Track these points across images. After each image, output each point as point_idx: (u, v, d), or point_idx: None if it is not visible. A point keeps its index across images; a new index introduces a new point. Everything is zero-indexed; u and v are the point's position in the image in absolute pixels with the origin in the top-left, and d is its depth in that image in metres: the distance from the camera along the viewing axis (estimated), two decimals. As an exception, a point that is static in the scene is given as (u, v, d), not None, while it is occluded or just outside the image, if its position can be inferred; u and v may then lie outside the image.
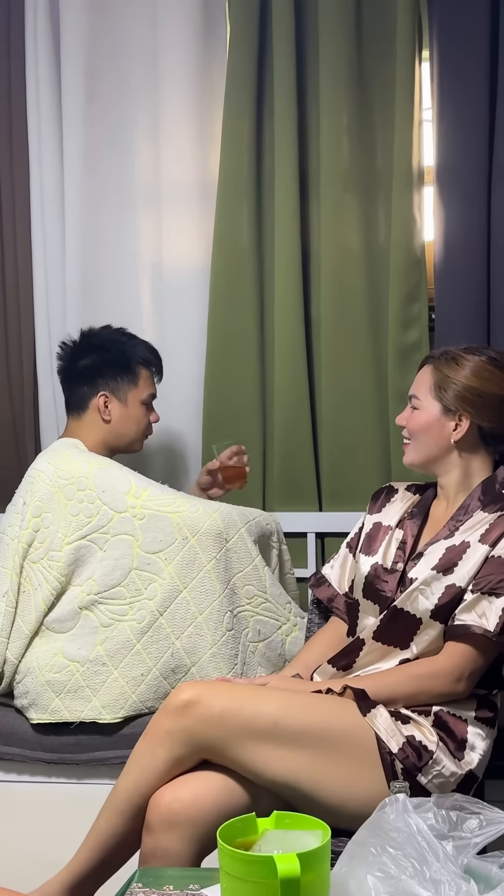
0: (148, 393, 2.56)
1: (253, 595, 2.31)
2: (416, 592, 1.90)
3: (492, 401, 1.96)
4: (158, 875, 1.51)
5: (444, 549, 1.92)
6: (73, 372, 2.55)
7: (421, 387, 2.02)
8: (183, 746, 1.77)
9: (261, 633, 2.31)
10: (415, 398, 2.02)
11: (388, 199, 2.70)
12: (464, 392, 1.95)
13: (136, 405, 2.54)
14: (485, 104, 2.59)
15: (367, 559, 2.04)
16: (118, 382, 2.52)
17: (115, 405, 2.51)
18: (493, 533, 1.88)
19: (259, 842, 1.24)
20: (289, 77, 2.69)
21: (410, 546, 2.00)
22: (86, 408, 2.53)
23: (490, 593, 1.82)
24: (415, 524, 2.03)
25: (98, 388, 2.51)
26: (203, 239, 2.85)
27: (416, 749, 1.77)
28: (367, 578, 2.01)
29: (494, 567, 1.85)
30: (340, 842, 1.35)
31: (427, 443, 2.00)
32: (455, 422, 1.97)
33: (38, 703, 2.27)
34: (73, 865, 1.81)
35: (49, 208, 2.91)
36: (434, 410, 1.98)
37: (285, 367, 2.75)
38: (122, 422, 2.53)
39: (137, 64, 2.86)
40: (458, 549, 1.90)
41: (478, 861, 1.25)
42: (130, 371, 2.53)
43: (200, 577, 2.26)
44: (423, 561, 1.94)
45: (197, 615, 2.25)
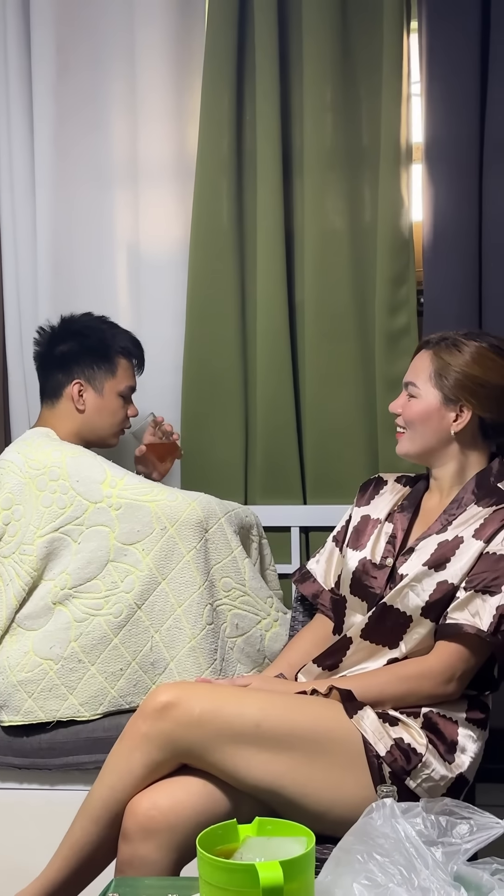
0: (126, 385, 2.55)
1: (231, 588, 2.31)
2: (407, 589, 1.90)
3: (494, 391, 1.96)
4: (135, 885, 1.50)
5: (436, 545, 1.92)
6: (50, 358, 2.54)
7: (419, 374, 2.00)
8: (161, 751, 1.77)
9: (239, 628, 2.31)
10: (412, 385, 2.00)
11: (374, 177, 2.70)
12: (466, 381, 1.95)
13: (113, 396, 2.53)
14: (475, 78, 2.58)
15: (354, 554, 2.04)
16: (95, 371, 2.51)
17: (91, 395, 2.50)
18: (488, 528, 1.88)
19: (240, 849, 1.23)
20: (271, 49, 2.68)
21: (401, 540, 1.99)
22: (59, 396, 2.52)
23: (484, 591, 1.82)
24: (405, 517, 2.03)
25: (73, 375, 2.50)
26: (181, 218, 2.83)
27: (404, 752, 1.77)
28: (354, 574, 2.01)
29: (489, 564, 1.85)
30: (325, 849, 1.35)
31: (425, 433, 1.99)
32: (456, 412, 1.96)
33: (9, 704, 2.26)
34: (47, 875, 1.81)
35: (19, 187, 2.88)
36: (434, 399, 1.97)
37: (267, 352, 2.74)
38: (96, 413, 2.52)
39: (112, 33, 2.84)
40: (451, 545, 1.90)
41: (468, 868, 1.25)
42: (109, 360, 2.52)
43: (180, 568, 2.26)
44: (415, 556, 1.94)
45: (176, 607, 2.25)
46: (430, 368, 1.99)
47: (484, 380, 1.95)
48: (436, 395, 1.97)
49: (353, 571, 2.02)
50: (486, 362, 1.96)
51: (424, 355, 2.02)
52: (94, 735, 2.25)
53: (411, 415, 2.00)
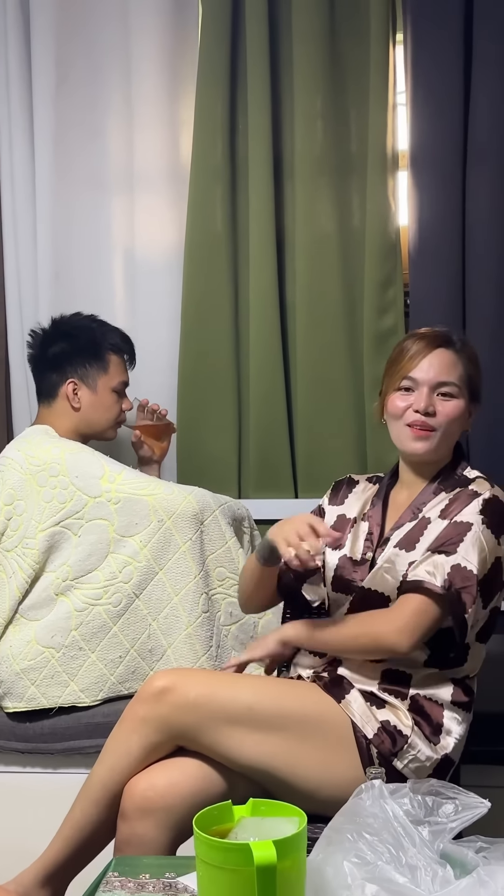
0: (119, 380, 2.55)
1: (225, 577, 2.32)
2: (381, 571, 1.90)
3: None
4: (135, 864, 1.51)
5: (407, 531, 1.92)
6: (43, 359, 2.54)
7: (453, 373, 1.94)
8: (158, 733, 1.78)
9: (233, 616, 2.32)
10: (451, 385, 1.93)
11: (362, 183, 2.69)
12: (479, 380, 1.98)
13: (107, 392, 2.52)
14: (459, 87, 2.58)
15: (334, 553, 2.03)
16: (87, 369, 2.50)
17: (85, 392, 2.50)
18: (452, 507, 1.89)
19: (235, 829, 1.24)
20: (262, 60, 2.67)
21: (378, 535, 1.99)
22: (55, 395, 2.51)
23: (441, 552, 1.82)
24: (377, 513, 2.02)
25: (67, 375, 2.50)
26: (176, 223, 2.83)
27: (390, 734, 1.78)
28: (336, 571, 2.00)
29: (449, 529, 1.85)
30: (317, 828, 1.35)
31: (454, 434, 1.97)
32: (471, 410, 1.98)
33: (13, 692, 2.26)
34: (49, 855, 1.81)
35: (20, 194, 2.87)
36: (464, 401, 1.95)
37: (260, 352, 2.74)
38: (92, 409, 2.51)
39: (108, 47, 2.83)
40: (419, 526, 1.91)
41: (453, 846, 1.25)
42: (100, 358, 2.51)
43: (176, 559, 2.27)
44: (390, 545, 1.94)
45: (173, 596, 2.26)
46: (461, 370, 1.94)
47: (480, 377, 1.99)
48: (466, 395, 1.96)
49: (334, 569, 2.00)
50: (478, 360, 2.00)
51: (449, 355, 1.95)
52: (94, 720, 2.25)
53: (451, 414, 1.92)
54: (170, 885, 1.41)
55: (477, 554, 1.80)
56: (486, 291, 2.61)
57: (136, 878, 1.43)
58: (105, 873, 1.46)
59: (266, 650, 1.90)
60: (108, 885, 1.41)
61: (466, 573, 1.79)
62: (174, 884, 1.41)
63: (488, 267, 2.60)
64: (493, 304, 2.61)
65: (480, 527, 1.83)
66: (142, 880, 1.43)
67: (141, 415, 2.63)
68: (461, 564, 1.79)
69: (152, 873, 1.45)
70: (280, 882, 1.11)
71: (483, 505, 1.86)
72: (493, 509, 1.86)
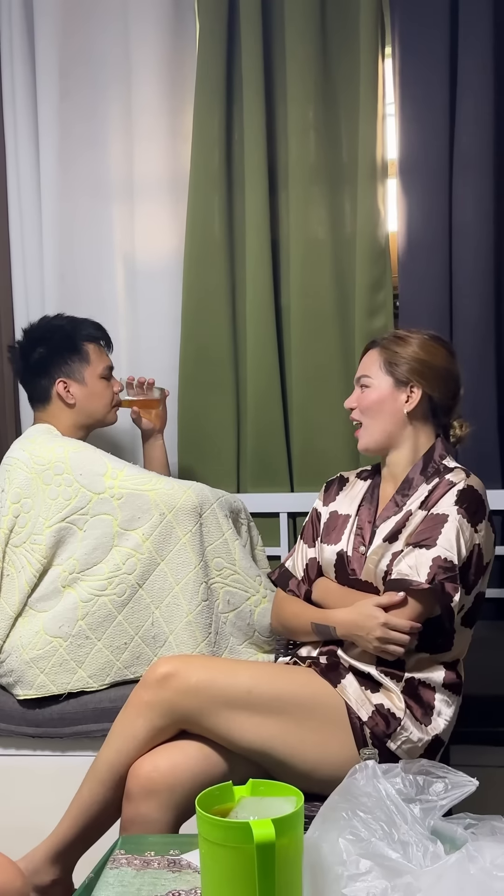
0: (103, 366, 2.53)
1: (222, 567, 2.32)
2: (369, 563, 1.91)
3: (440, 372, 1.97)
4: (140, 842, 1.51)
5: (393, 524, 1.93)
6: (27, 369, 2.52)
7: (370, 367, 2.00)
8: (162, 717, 1.78)
9: (230, 604, 2.32)
10: (365, 377, 2.00)
11: (353, 191, 2.69)
12: (415, 364, 1.96)
13: (95, 381, 2.51)
14: (445, 99, 2.59)
15: (330, 548, 2.02)
16: (71, 365, 2.49)
17: (76, 387, 2.49)
18: (431, 498, 1.89)
19: (236, 809, 1.23)
20: (257, 73, 2.67)
21: (368, 530, 1.99)
22: (49, 398, 2.50)
23: (421, 546, 1.82)
24: (369, 510, 2.03)
25: (54, 376, 2.48)
26: (176, 230, 2.83)
27: (384, 717, 1.78)
28: (334, 566, 2.01)
29: (428, 522, 1.85)
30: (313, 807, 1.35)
31: (382, 419, 1.98)
32: (407, 393, 1.96)
33: (23, 680, 2.26)
34: (57, 834, 1.81)
35: (26, 201, 2.87)
36: (385, 385, 1.97)
37: (257, 352, 2.74)
38: (86, 401, 2.50)
39: (110, 61, 2.83)
40: (403, 519, 1.91)
41: (444, 823, 1.25)
42: (78, 351, 2.50)
43: (177, 550, 2.27)
44: (376, 538, 1.94)
45: (174, 585, 2.26)
46: (379, 360, 1.99)
47: (430, 363, 1.96)
48: (387, 381, 1.97)
49: (333, 564, 2.01)
50: (430, 349, 1.98)
51: (373, 352, 2.02)
52: (100, 706, 2.25)
53: (367, 403, 1.99)
54: (174, 861, 1.41)
55: (455, 544, 1.80)
56: (472, 293, 2.61)
57: (141, 856, 1.43)
58: (112, 851, 1.46)
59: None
60: (115, 863, 1.41)
61: (448, 564, 1.79)
62: (178, 861, 1.41)
63: (474, 269, 2.60)
64: (478, 305, 2.61)
65: (457, 517, 1.83)
66: (147, 857, 1.43)
67: (132, 391, 2.63)
68: (441, 556, 1.79)
69: (157, 851, 1.45)
70: (279, 858, 1.11)
71: (458, 495, 1.85)
72: (468, 498, 1.85)
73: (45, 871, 1.80)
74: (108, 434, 2.79)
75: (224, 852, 1.14)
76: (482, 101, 2.55)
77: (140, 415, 2.64)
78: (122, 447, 2.85)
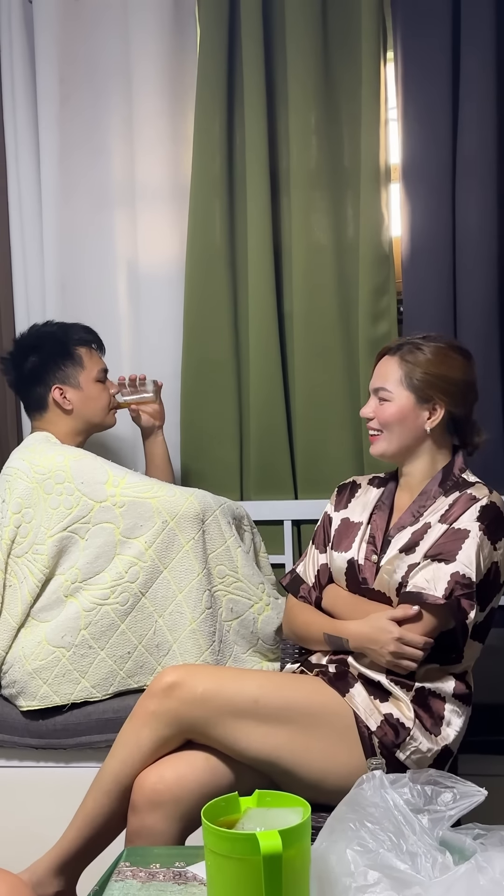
0: (97, 369, 2.53)
1: (224, 575, 2.32)
2: (383, 573, 1.90)
3: (460, 386, 1.95)
4: (145, 854, 1.50)
5: (409, 534, 1.92)
6: (22, 378, 2.53)
7: (388, 378, 1.97)
8: (167, 727, 1.77)
9: (233, 612, 2.32)
10: (383, 390, 1.97)
11: (356, 196, 2.70)
12: (435, 380, 1.93)
13: (91, 384, 2.51)
14: (447, 103, 2.59)
15: (341, 555, 2.02)
16: (65, 371, 2.49)
17: (72, 392, 2.49)
18: (452, 512, 1.89)
19: (242, 820, 1.23)
20: (258, 79, 2.68)
21: (380, 539, 1.99)
22: (46, 406, 2.50)
23: (440, 559, 1.82)
24: (382, 517, 2.02)
25: (49, 383, 2.48)
26: (177, 237, 2.83)
27: (393, 726, 1.77)
28: (345, 574, 2.00)
29: (448, 536, 1.85)
30: (320, 817, 1.35)
31: (402, 433, 1.97)
32: (429, 410, 1.95)
33: (26, 691, 2.26)
34: (62, 845, 1.81)
35: (27, 209, 2.87)
36: (407, 401, 1.95)
37: (259, 360, 2.74)
38: (83, 405, 2.50)
39: (110, 67, 2.84)
40: (421, 531, 1.91)
41: (452, 833, 1.25)
42: (71, 356, 2.50)
43: (180, 558, 2.27)
44: (391, 547, 1.94)
45: (177, 593, 2.26)
46: (398, 372, 1.96)
47: (449, 376, 1.94)
48: (408, 396, 1.95)
49: (344, 571, 2.00)
50: (447, 360, 1.95)
51: (390, 361, 1.99)
52: (104, 716, 2.25)
53: (386, 417, 1.97)
54: (179, 874, 1.41)
55: (475, 561, 1.80)
56: (476, 297, 2.61)
57: (146, 868, 1.43)
58: (117, 863, 1.46)
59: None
60: (119, 875, 1.41)
61: (466, 581, 1.79)
62: (184, 873, 1.41)
63: (478, 274, 2.60)
64: (482, 309, 2.61)
65: (478, 533, 1.82)
66: (152, 869, 1.42)
67: (126, 390, 2.63)
68: (460, 572, 1.79)
69: (162, 863, 1.44)
70: (286, 870, 1.11)
71: (481, 511, 1.85)
72: (490, 515, 1.85)
73: (49, 882, 1.80)
74: (109, 439, 2.79)
75: (230, 864, 1.13)
76: (484, 105, 2.56)
77: (139, 413, 2.65)
78: (124, 451, 2.85)
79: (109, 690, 2.26)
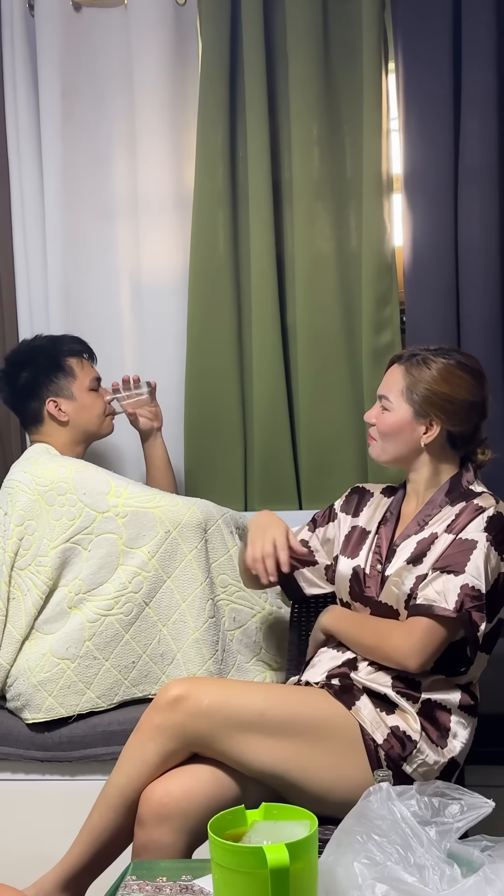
0: (90, 378, 2.55)
1: (227, 584, 2.33)
2: (390, 585, 1.90)
3: (462, 406, 1.93)
4: (152, 867, 1.50)
5: (415, 544, 1.92)
6: (15, 394, 2.54)
7: (391, 388, 1.98)
8: (173, 741, 1.77)
9: (236, 621, 2.33)
10: (385, 399, 1.98)
11: (358, 206, 2.70)
12: (435, 398, 1.92)
13: (84, 394, 2.52)
14: (449, 112, 2.60)
15: (348, 562, 2.02)
16: (57, 383, 2.51)
17: (66, 404, 2.50)
18: (459, 522, 1.88)
19: (249, 833, 1.23)
20: (259, 90, 2.69)
21: (386, 548, 1.99)
22: (42, 419, 2.52)
23: (449, 571, 1.81)
24: (389, 527, 2.03)
25: (43, 396, 2.50)
26: (181, 248, 2.84)
27: (399, 739, 1.77)
28: (350, 582, 2.00)
29: (455, 547, 1.85)
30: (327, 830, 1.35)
31: (396, 444, 1.98)
32: (426, 426, 1.94)
33: (31, 703, 2.26)
34: (68, 860, 1.81)
35: (30, 223, 2.88)
36: (405, 414, 1.95)
37: (263, 370, 2.74)
38: (79, 416, 2.51)
39: (112, 80, 2.85)
40: (427, 541, 1.90)
41: (460, 845, 1.25)
42: (62, 367, 2.51)
43: (183, 567, 2.28)
44: (397, 556, 1.94)
45: (181, 603, 2.27)
46: (401, 384, 1.96)
47: (451, 396, 1.92)
48: (407, 409, 1.95)
49: (349, 578, 2.01)
50: (453, 379, 1.93)
51: (396, 370, 1.98)
52: (109, 728, 2.25)
53: (384, 427, 1.98)
54: (186, 887, 1.41)
55: (484, 572, 1.80)
56: (479, 307, 2.62)
57: (153, 882, 1.43)
58: (123, 877, 1.46)
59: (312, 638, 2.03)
60: (126, 889, 1.41)
61: (476, 593, 1.78)
62: (190, 886, 1.41)
63: (480, 283, 2.61)
64: (486, 319, 2.61)
65: (485, 544, 1.82)
66: (159, 883, 1.42)
67: (121, 395, 2.62)
68: (469, 584, 1.79)
69: (169, 876, 1.44)
70: (293, 883, 1.11)
71: (488, 522, 1.85)
72: (497, 526, 1.85)
73: (56, 898, 1.79)
74: (111, 448, 2.79)
75: (237, 877, 1.13)
76: (487, 114, 2.56)
77: (136, 415, 2.65)
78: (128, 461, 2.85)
79: (114, 700, 2.27)
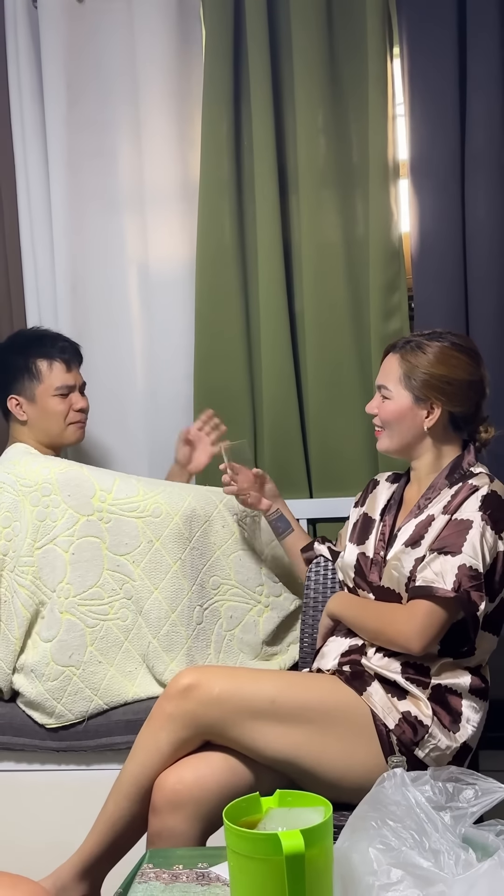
0: (57, 384, 2.50)
1: (219, 585, 2.33)
2: (390, 568, 1.91)
3: (461, 386, 1.94)
4: (168, 855, 1.51)
5: (414, 527, 1.92)
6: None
7: (389, 377, 1.99)
8: (185, 729, 1.78)
9: (234, 619, 2.33)
10: (384, 388, 1.99)
11: (364, 193, 2.69)
12: (432, 380, 1.93)
13: (46, 398, 2.50)
14: (455, 98, 2.58)
15: (353, 548, 2.04)
16: (22, 383, 2.50)
17: (27, 405, 2.50)
18: (454, 501, 1.88)
19: (264, 820, 1.23)
20: (264, 78, 2.68)
21: (388, 534, 1.99)
22: (9, 415, 2.54)
23: (446, 552, 1.81)
24: (392, 513, 2.03)
25: (8, 393, 2.51)
26: (187, 238, 2.83)
27: (411, 724, 1.77)
28: (355, 569, 2.01)
29: (452, 527, 1.85)
30: (342, 816, 1.35)
31: (401, 431, 1.98)
32: (427, 410, 1.95)
33: (42, 709, 2.25)
34: (84, 849, 1.82)
35: (37, 214, 2.88)
36: (405, 400, 1.96)
37: (271, 359, 2.74)
38: (38, 419, 2.51)
39: (117, 70, 2.84)
40: (425, 523, 1.91)
41: (475, 830, 1.25)
42: (27, 369, 2.50)
43: (169, 578, 2.27)
44: (397, 541, 1.94)
45: (170, 613, 2.26)
46: (399, 371, 1.97)
47: (449, 377, 1.93)
48: (407, 395, 1.96)
49: (353, 565, 2.01)
50: (449, 360, 1.94)
51: (392, 359, 2.00)
52: (125, 717, 2.25)
53: (386, 415, 1.99)
54: (202, 874, 1.41)
55: (480, 551, 1.80)
56: (487, 292, 2.60)
57: (170, 869, 1.43)
58: (140, 865, 1.46)
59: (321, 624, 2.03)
60: (143, 877, 1.42)
61: (473, 572, 1.78)
62: (206, 873, 1.41)
63: (488, 269, 2.59)
64: (494, 304, 2.60)
65: (481, 523, 1.82)
66: (175, 871, 1.43)
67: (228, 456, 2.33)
68: (467, 564, 1.79)
69: (185, 864, 1.45)
70: (309, 869, 1.11)
71: (482, 501, 1.85)
72: (492, 504, 1.85)
73: (74, 887, 1.80)
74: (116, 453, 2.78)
75: (253, 864, 1.14)
76: (492, 98, 2.55)
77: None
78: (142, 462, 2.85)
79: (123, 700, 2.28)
